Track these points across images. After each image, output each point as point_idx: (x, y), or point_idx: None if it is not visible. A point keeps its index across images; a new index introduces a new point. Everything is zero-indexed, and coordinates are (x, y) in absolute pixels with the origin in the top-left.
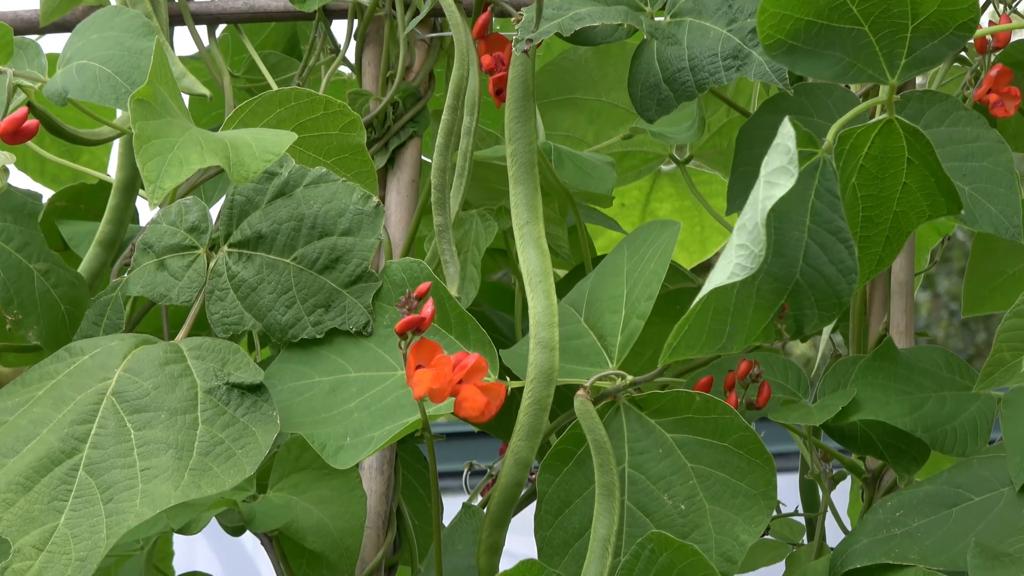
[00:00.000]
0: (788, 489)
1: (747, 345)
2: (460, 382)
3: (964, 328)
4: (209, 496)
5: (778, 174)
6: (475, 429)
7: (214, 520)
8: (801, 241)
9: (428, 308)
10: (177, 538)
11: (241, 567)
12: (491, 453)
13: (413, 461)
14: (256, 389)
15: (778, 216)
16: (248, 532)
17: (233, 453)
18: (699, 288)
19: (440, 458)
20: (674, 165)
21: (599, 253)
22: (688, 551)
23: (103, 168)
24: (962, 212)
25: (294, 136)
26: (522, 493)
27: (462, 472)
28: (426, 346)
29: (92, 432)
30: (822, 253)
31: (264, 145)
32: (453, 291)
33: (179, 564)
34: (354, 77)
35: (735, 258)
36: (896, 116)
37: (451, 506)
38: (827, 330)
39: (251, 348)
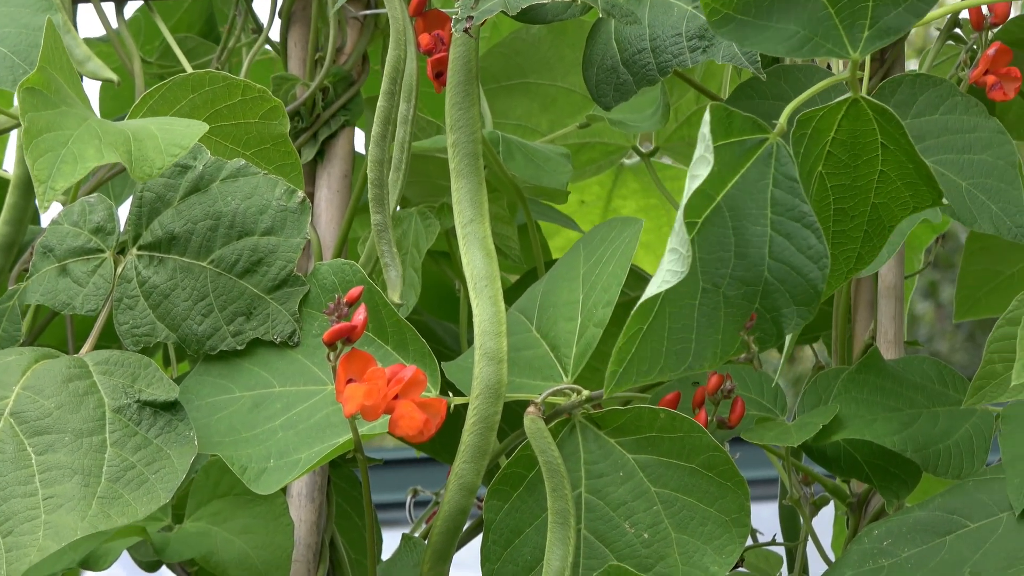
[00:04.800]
0: (768, 519)
1: (723, 361)
2: (396, 398)
3: (971, 342)
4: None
5: (698, 165)
6: (416, 455)
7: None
8: (764, 236)
9: (360, 315)
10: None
11: None
12: (439, 480)
13: (348, 488)
14: (170, 407)
15: (735, 214)
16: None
17: (146, 479)
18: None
19: (382, 486)
20: (638, 158)
21: (555, 255)
22: None
23: None
24: (944, 202)
25: (205, 126)
26: (468, 522)
27: (405, 502)
28: (358, 358)
29: None
30: (788, 243)
31: (171, 137)
32: (395, 297)
33: None
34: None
35: (667, 264)
36: (862, 95)
37: (393, 539)
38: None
39: (167, 363)
